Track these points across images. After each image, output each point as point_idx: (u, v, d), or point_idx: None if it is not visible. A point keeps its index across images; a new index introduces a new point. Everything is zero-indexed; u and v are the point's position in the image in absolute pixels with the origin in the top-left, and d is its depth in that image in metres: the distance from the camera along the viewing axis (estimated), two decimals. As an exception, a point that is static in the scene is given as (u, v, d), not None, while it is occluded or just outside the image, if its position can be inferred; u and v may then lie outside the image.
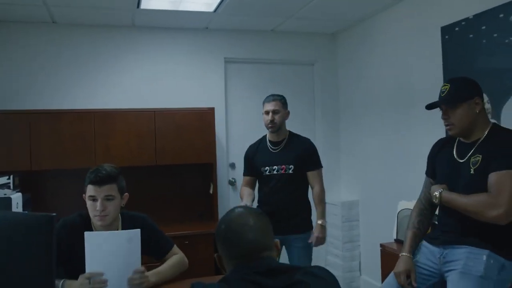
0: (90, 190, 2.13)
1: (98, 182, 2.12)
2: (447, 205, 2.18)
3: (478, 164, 2.13)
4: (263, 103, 3.27)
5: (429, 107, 2.31)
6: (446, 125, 2.26)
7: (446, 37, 3.37)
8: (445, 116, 2.24)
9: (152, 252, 2.30)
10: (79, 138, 3.88)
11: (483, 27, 3.04)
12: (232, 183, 4.72)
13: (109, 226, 2.17)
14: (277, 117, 3.18)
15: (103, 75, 4.36)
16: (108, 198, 2.13)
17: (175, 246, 2.41)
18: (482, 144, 2.19)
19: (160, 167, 4.22)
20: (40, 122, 3.83)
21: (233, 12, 4.11)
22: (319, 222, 3.06)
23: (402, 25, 3.94)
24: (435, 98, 3.41)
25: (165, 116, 4.10)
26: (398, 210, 3.13)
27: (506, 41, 2.87)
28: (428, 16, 3.60)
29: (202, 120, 4.18)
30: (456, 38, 3.28)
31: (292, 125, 3.26)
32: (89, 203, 2.15)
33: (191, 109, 4.22)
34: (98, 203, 2.12)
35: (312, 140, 3.32)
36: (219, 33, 4.66)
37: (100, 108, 4.14)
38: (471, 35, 3.15)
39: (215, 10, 4.05)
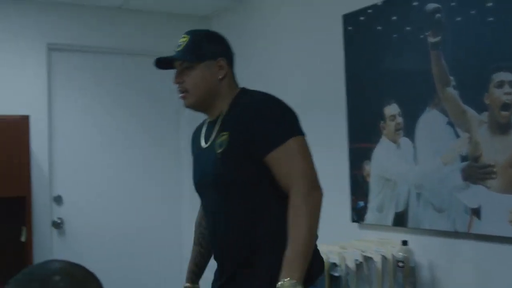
0: None
1: None
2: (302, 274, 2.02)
3: (225, 143, 2.14)
4: None
5: (160, 63, 2.30)
6: (180, 92, 2.26)
7: (350, 28, 3.52)
8: (179, 80, 2.24)
9: None
10: None
11: (394, 18, 3.21)
12: (57, 225, 4.56)
13: None
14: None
15: None
16: None
17: None
18: (227, 117, 2.22)
19: None
20: None
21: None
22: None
23: (295, 10, 4.05)
24: (335, 103, 3.62)
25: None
26: None
27: (421, 36, 3.05)
28: (328, -1, 3.76)
29: (10, 134, 3.99)
30: (361, 30, 3.43)
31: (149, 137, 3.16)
32: None
33: (-6, 117, 4.01)
34: None
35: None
36: (38, 7, 4.47)
37: None
38: (379, 27, 3.31)
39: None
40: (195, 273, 2.44)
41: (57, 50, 4.61)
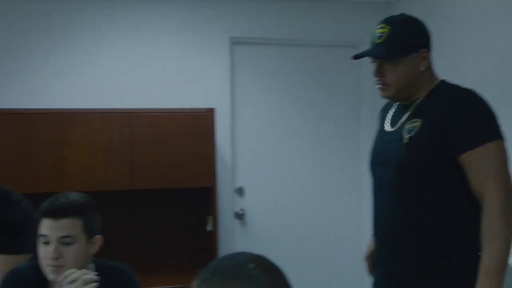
0: (43, 226, 2.07)
1: (54, 213, 2.05)
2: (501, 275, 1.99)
3: (416, 130, 2.12)
4: None
5: (358, 57, 2.26)
6: (378, 84, 2.23)
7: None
8: (379, 74, 2.20)
9: None
10: (17, 150, 3.83)
11: None
12: (239, 216, 4.69)
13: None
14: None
15: (55, 62, 4.31)
16: (66, 241, 2.07)
17: None
18: (422, 104, 2.18)
19: (137, 194, 4.15)
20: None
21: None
22: None
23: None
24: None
25: (144, 121, 4.05)
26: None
27: None
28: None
29: (197, 127, 4.12)
30: None
31: (330, 129, 3.16)
32: (40, 246, 2.09)
33: (182, 110, 4.18)
34: (51, 248, 2.04)
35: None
36: (221, 1, 4.61)
37: (50, 108, 4.10)
38: None
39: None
40: None
41: (240, 43, 4.72)
